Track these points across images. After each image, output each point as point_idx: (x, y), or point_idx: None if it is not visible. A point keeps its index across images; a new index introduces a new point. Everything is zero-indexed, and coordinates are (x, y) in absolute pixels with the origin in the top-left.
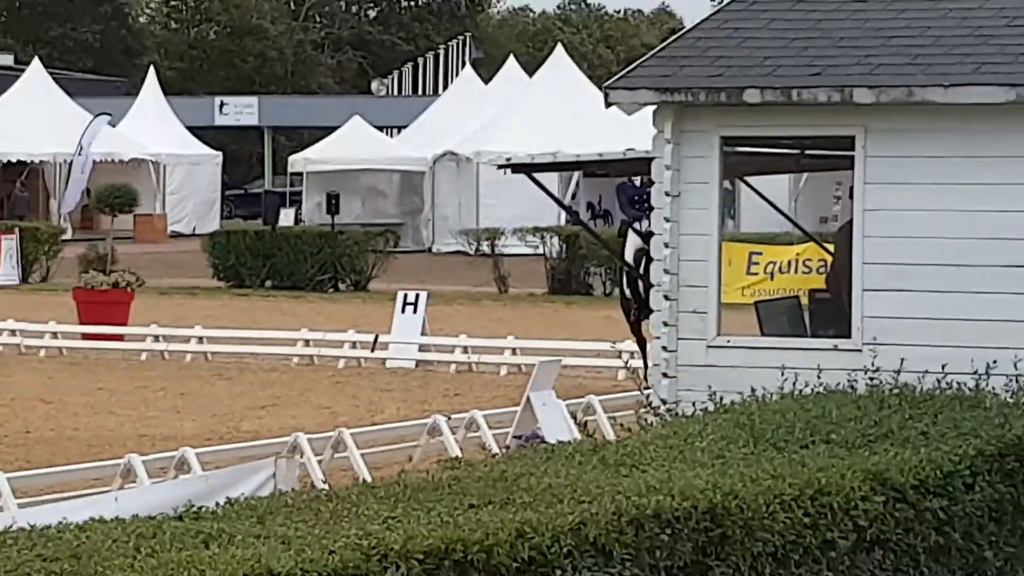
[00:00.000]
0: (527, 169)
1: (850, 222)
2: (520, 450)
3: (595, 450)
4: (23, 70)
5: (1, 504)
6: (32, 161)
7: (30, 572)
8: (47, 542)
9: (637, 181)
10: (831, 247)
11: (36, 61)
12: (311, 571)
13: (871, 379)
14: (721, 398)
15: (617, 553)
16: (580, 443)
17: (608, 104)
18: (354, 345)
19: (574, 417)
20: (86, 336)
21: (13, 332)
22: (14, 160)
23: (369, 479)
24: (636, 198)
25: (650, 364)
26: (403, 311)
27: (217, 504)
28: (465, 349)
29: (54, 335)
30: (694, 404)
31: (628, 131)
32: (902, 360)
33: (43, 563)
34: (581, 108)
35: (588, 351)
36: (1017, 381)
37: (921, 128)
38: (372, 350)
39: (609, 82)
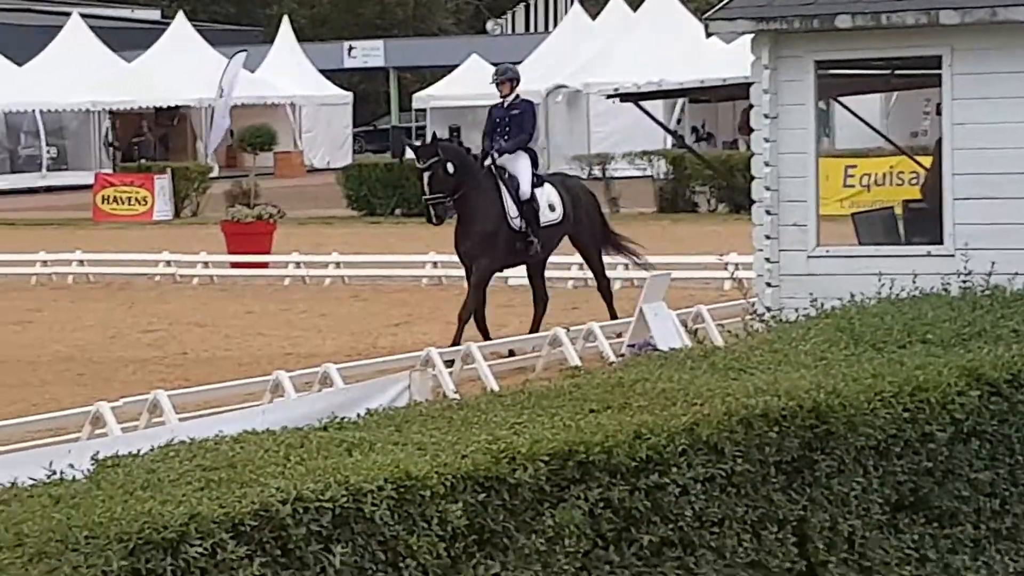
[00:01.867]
0: (634, 98)
1: None
2: (635, 358)
3: (705, 356)
4: (169, 23)
5: (163, 419)
6: (180, 106)
7: (191, 480)
8: (205, 453)
9: (506, 102)
10: (923, 160)
11: (180, 15)
12: (445, 474)
13: (964, 282)
14: (822, 304)
15: (728, 450)
16: (691, 350)
17: (709, 34)
18: None
19: (684, 326)
20: (234, 265)
21: (168, 263)
22: (164, 106)
23: (496, 388)
24: (499, 120)
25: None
26: None
27: (358, 415)
28: (581, 266)
29: (205, 264)
30: (796, 310)
31: (727, 58)
32: (992, 264)
33: (203, 472)
34: (682, 39)
35: (696, 264)
36: None
37: (1004, 46)
38: None
39: (709, 14)
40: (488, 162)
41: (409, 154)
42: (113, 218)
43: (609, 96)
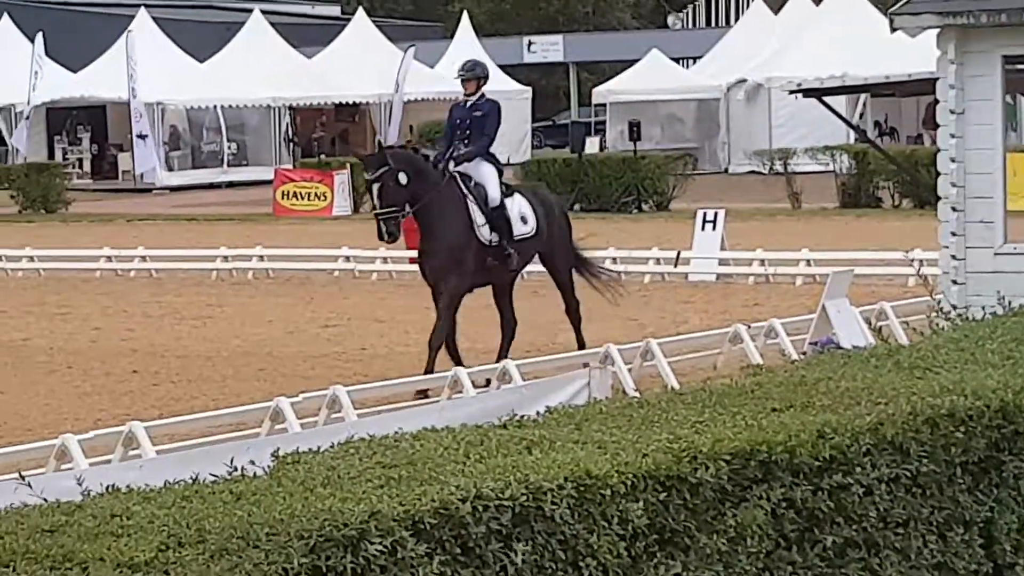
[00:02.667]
0: (817, 93)
1: None
2: (817, 355)
3: (889, 354)
4: (349, 19)
5: (342, 414)
6: (359, 102)
7: (371, 478)
8: (385, 450)
9: (469, 101)
10: None
11: (360, 11)
12: (626, 473)
13: None
14: (1009, 302)
15: (914, 451)
16: (875, 348)
17: (893, 29)
18: (658, 261)
19: (868, 323)
20: (412, 260)
21: (347, 258)
22: (344, 102)
23: (676, 386)
24: (460, 122)
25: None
26: (703, 228)
27: (537, 412)
28: (762, 262)
29: (384, 260)
30: (983, 308)
31: (911, 53)
32: None
33: (382, 469)
34: (866, 33)
35: (879, 260)
36: None
37: None
38: (675, 265)
39: (894, 8)
40: (450, 168)
41: (589, 148)
42: (293, 213)
43: (792, 92)
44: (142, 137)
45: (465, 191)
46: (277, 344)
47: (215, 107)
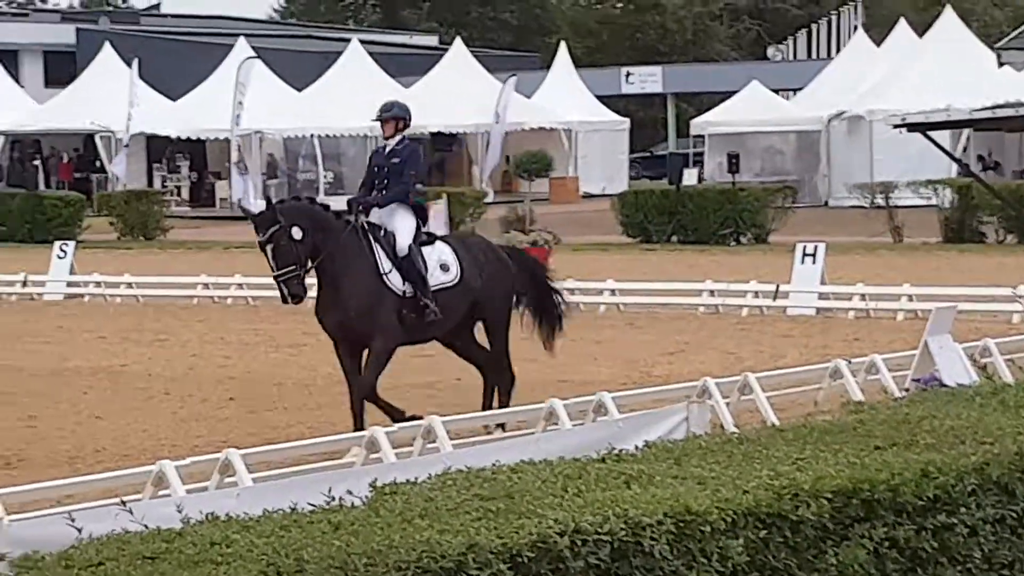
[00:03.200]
0: (922, 127)
1: None
2: (920, 393)
3: (994, 392)
4: (446, 50)
5: (437, 444)
6: (456, 132)
7: (468, 510)
8: (482, 482)
9: (388, 146)
10: None
11: (458, 41)
12: (726, 509)
13: None
14: None
15: (1020, 491)
16: (979, 385)
17: (1001, 63)
18: (756, 295)
19: (971, 360)
20: None
21: None
22: (441, 132)
23: (775, 421)
24: (378, 169)
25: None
26: (802, 261)
27: (635, 446)
28: (863, 296)
29: None
30: None
31: (1017, 86)
32: None
33: (480, 502)
34: (970, 65)
35: (983, 296)
36: None
37: None
38: (774, 299)
39: (1001, 43)
40: (360, 219)
41: (687, 180)
42: None
43: (896, 126)
44: (239, 165)
45: (372, 240)
46: None
47: (312, 136)
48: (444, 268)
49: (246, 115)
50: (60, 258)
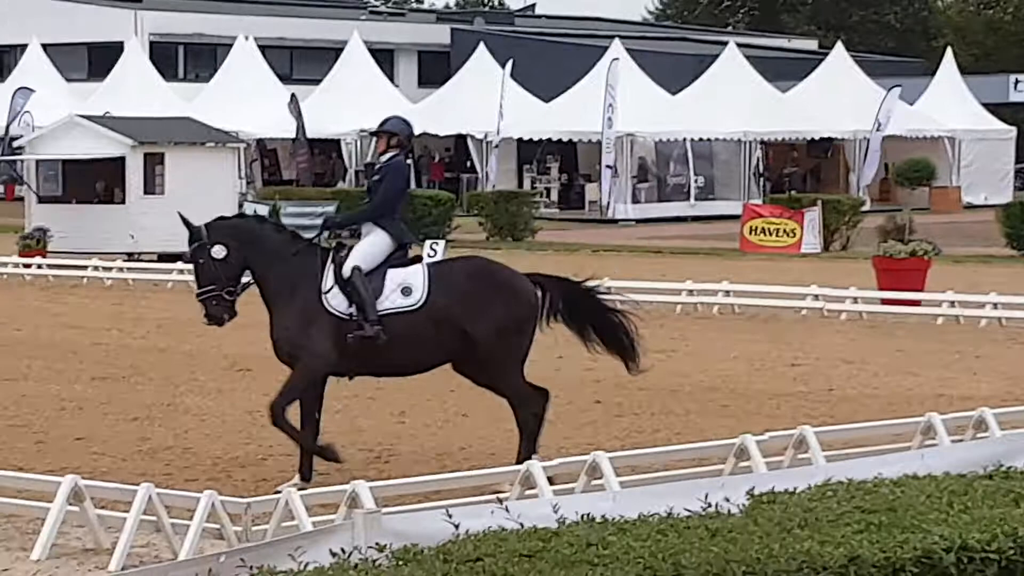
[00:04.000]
0: None
1: None
2: None
3: None
4: (826, 54)
5: (808, 455)
6: (834, 138)
7: (849, 522)
8: (864, 494)
9: (379, 163)
10: None
11: (839, 45)
12: None
13: None
14: None
15: None
16: None
17: None
18: None
19: None
20: (885, 301)
21: (816, 297)
22: (817, 138)
23: None
24: (367, 188)
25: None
26: None
27: None
28: None
29: (854, 300)
30: None
31: None
32: None
33: (862, 514)
34: None
35: None
36: None
37: None
38: None
39: None
40: (323, 236)
41: None
42: (760, 249)
43: None
44: (610, 168)
45: (329, 261)
46: (742, 381)
47: (684, 139)
48: (406, 292)
49: (618, 117)
50: (430, 256)
